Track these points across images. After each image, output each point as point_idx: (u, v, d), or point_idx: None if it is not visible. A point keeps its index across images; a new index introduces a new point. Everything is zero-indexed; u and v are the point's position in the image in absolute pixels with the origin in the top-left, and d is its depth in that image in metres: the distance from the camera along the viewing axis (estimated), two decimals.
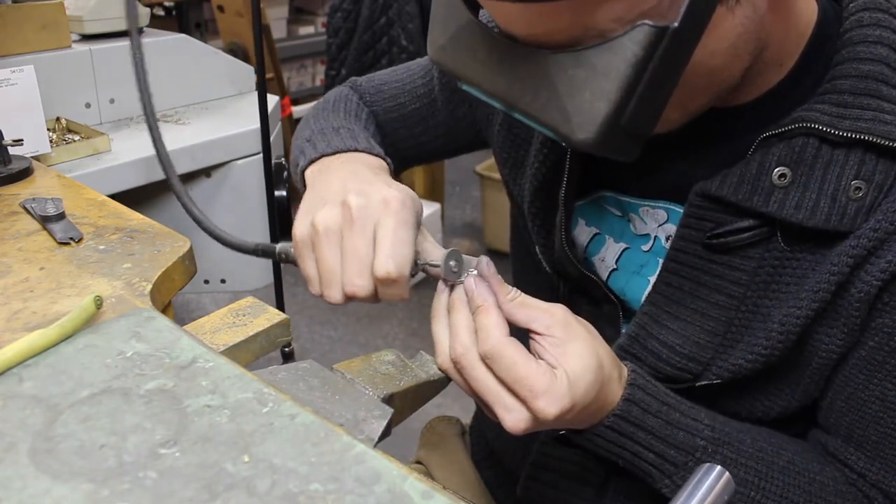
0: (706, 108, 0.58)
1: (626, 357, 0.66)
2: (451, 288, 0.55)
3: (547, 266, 0.74)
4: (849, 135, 0.54)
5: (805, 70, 0.60)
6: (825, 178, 0.56)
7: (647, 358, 0.65)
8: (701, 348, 0.62)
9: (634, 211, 0.69)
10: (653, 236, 0.68)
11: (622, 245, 0.70)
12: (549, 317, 0.54)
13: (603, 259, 0.71)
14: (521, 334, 0.55)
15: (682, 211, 0.62)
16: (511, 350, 0.51)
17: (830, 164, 0.56)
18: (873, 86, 0.56)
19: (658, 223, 0.68)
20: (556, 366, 0.53)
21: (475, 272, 0.55)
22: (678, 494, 0.49)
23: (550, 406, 0.51)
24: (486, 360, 0.52)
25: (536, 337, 0.54)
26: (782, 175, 0.56)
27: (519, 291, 0.55)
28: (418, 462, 0.95)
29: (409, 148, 0.88)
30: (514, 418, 0.52)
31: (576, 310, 0.74)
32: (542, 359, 0.53)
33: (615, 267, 0.70)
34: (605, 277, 0.71)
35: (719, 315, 0.62)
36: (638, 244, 0.69)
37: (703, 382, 0.63)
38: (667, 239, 0.66)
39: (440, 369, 0.54)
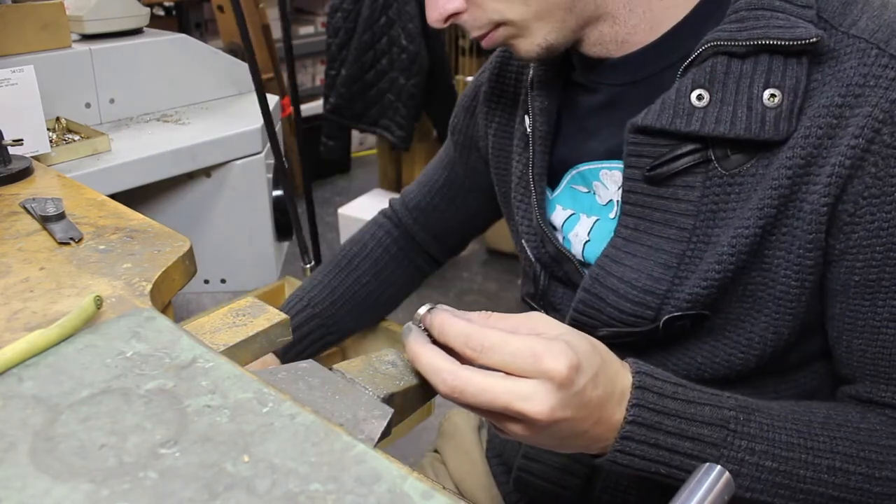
0: (571, 26, 0.65)
1: (588, 298, 0.68)
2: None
3: (531, 254, 0.78)
4: (748, 43, 0.59)
5: (710, 8, 0.65)
6: (738, 91, 0.60)
7: (607, 296, 0.67)
8: (655, 281, 0.64)
9: (595, 177, 0.73)
10: (615, 201, 0.71)
11: (593, 218, 0.74)
12: (529, 318, 0.53)
13: (577, 234, 0.74)
14: None
15: None
16: (494, 333, 0.50)
17: (741, 77, 0.60)
18: (766, 2, 0.61)
19: (617, 186, 0.71)
20: (544, 334, 0.51)
21: (423, 310, 0.54)
22: (678, 494, 0.49)
23: (560, 361, 0.48)
24: (476, 356, 0.50)
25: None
26: (700, 96, 0.61)
27: (489, 312, 0.54)
28: (435, 451, 0.99)
29: (455, 218, 0.98)
30: (536, 402, 0.48)
31: (553, 295, 0.77)
32: None
33: (588, 238, 0.74)
34: (580, 251, 0.74)
35: (672, 248, 0.64)
36: (605, 213, 0.73)
37: (666, 317, 0.64)
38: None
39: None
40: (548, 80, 0.74)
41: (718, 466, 0.51)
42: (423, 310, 0.55)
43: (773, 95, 0.58)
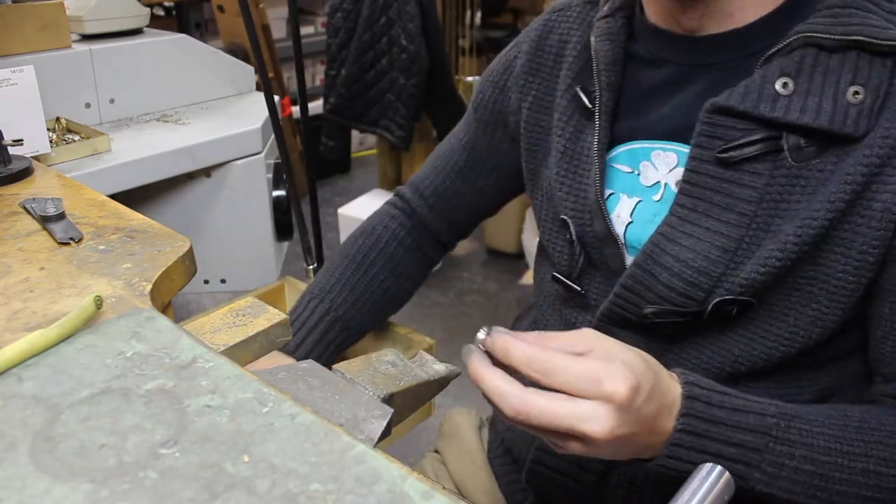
0: None
1: (640, 274, 0.68)
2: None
3: (575, 233, 0.75)
4: (842, 38, 0.60)
5: (795, 5, 0.65)
6: (825, 83, 0.61)
7: (660, 273, 0.67)
8: (712, 262, 0.64)
9: (646, 157, 0.72)
10: (663, 184, 0.71)
11: (635, 199, 0.73)
12: (582, 336, 0.56)
13: (619, 215, 0.74)
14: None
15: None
16: (558, 357, 0.53)
17: (828, 70, 0.61)
18: (859, 2, 0.62)
19: (669, 168, 0.71)
20: (604, 358, 0.53)
21: (482, 335, 0.57)
22: (678, 494, 0.49)
23: (620, 385, 0.51)
24: (541, 378, 0.52)
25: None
26: (785, 84, 0.62)
27: (540, 332, 0.57)
28: (436, 451, 0.98)
29: (473, 201, 0.95)
30: (596, 424, 0.51)
31: (588, 284, 0.77)
32: None
33: (630, 220, 0.73)
34: (622, 232, 0.73)
35: (730, 232, 0.64)
36: (649, 195, 0.72)
37: (716, 300, 0.64)
38: (676, 184, 0.69)
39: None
40: (615, 53, 0.73)
41: (719, 467, 0.51)
42: (481, 334, 0.57)
43: (856, 93, 0.60)
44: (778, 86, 0.62)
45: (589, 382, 0.51)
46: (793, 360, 0.67)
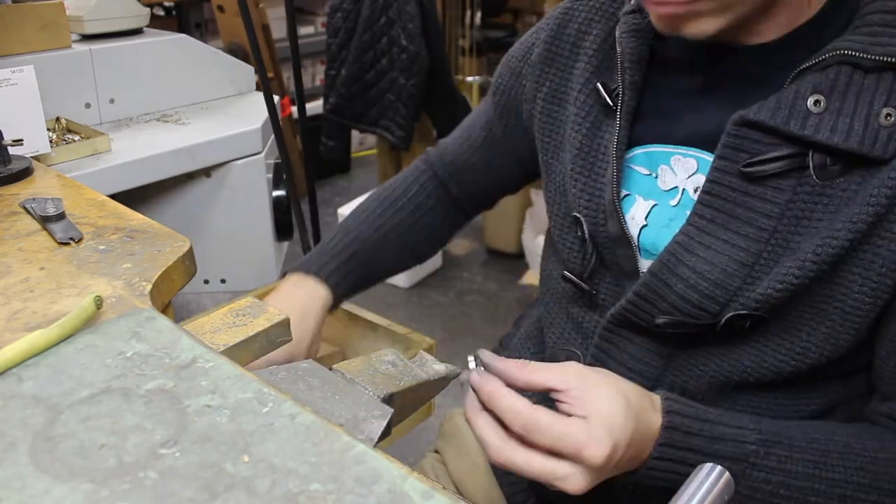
0: (749, 13, 0.62)
1: (654, 283, 0.67)
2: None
3: (588, 231, 0.75)
4: (881, 59, 0.59)
5: (834, 13, 0.64)
6: (858, 104, 0.59)
7: (675, 283, 0.66)
8: (729, 276, 0.64)
9: (665, 161, 0.71)
10: (680, 189, 0.70)
11: (651, 202, 0.72)
12: (564, 373, 0.58)
13: (633, 217, 0.73)
14: (547, 400, 0.58)
15: (711, 160, 0.65)
16: (542, 415, 0.55)
17: (862, 90, 0.60)
18: None
19: (687, 174, 0.69)
20: (586, 416, 0.55)
21: (472, 365, 0.60)
22: (678, 494, 0.49)
23: (597, 452, 0.54)
24: (524, 434, 0.55)
25: (559, 395, 0.57)
26: (817, 101, 0.60)
27: (526, 360, 0.59)
28: (436, 451, 0.98)
29: (489, 178, 0.97)
30: (572, 482, 0.55)
31: (598, 284, 0.76)
32: (571, 415, 0.56)
33: (645, 223, 0.72)
34: (636, 234, 0.72)
35: (749, 246, 0.63)
36: (666, 199, 0.71)
37: (730, 314, 0.64)
38: (695, 191, 0.68)
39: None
40: (641, 52, 0.72)
41: (718, 467, 0.51)
42: (471, 363, 0.61)
43: (889, 115, 0.59)
44: (810, 103, 0.60)
45: (568, 447, 0.54)
46: (802, 374, 0.66)
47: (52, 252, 0.67)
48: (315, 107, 3.16)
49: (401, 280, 2.78)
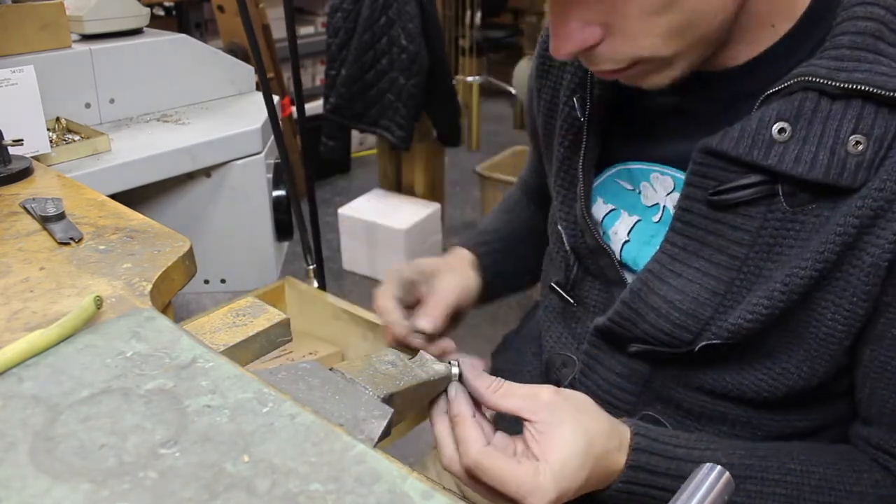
0: (702, 53, 0.59)
1: (626, 312, 0.67)
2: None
3: (567, 242, 0.75)
4: (846, 86, 0.56)
5: (802, 35, 0.61)
6: (824, 132, 0.57)
7: (647, 313, 0.66)
8: (700, 305, 0.63)
9: (645, 178, 0.70)
10: (661, 206, 0.70)
11: (635, 217, 0.72)
12: (534, 402, 0.58)
13: (616, 232, 0.73)
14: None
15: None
16: (490, 459, 0.56)
17: (829, 117, 0.57)
18: (870, 41, 0.57)
19: (666, 191, 0.69)
20: (540, 458, 0.56)
21: (456, 370, 0.61)
22: (678, 494, 0.49)
23: (540, 501, 0.54)
24: (469, 471, 0.57)
25: (525, 423, 0.58)
26: (782, 130, 0.58)
27: (502, 381, 0.60)
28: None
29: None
30: None
31: (583, 288, 0.75)
32: (528, 447, 0.57)
33: (627, 238, 0.72)
34: (618, 249, 0.72)
35: (720, 275, 0.62)
36: (649, 215, 0.71)
37: (703, 343, 0.63)
38: (674, 208, 0.67)
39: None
40: None
41: (718, 467, 0.51)
42: (455, 368, 0.62)
43: (858, 143, 0.56)
44: (774, 131, 0.58)
45: (512, 492, 0.55)
46: (783, 396, 0.65)
47: (52, 252, 0.67)
48: (315, 107, 3.16)
49: None
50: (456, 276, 0.80)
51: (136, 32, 1.42)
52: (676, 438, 0.62)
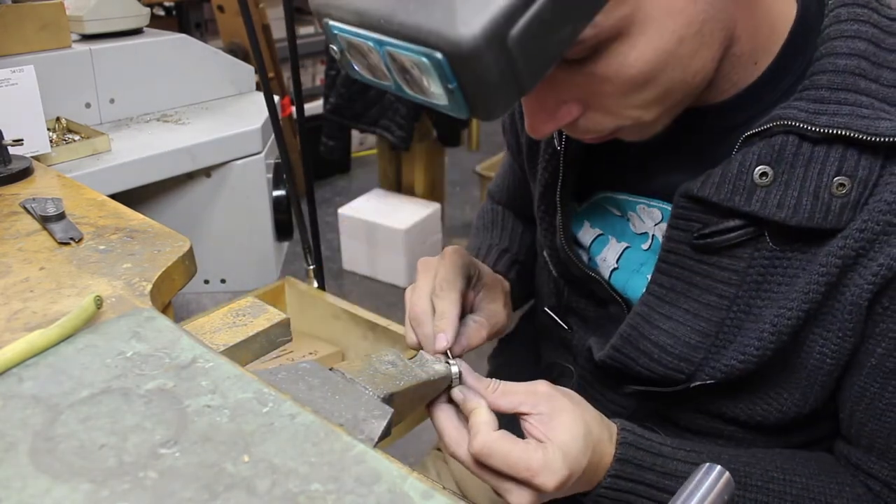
0: (685, 105, 0.58)
1: (619, 357, 0.67)
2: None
3: (553, 269, 0.75)
4: (826, 131, 0.54)
5: (783, 69, 0.59)
6: (806, 176, 0.55)
7: (639, 358, 0.65)
8: (692, 349, 0.63)
9: (632, 209, 0.69)
10: (651, 235, 0.69)
11: (624, 244, 0.71)
12: (533, 396, 0.58)
13: (605, 259, 0.72)
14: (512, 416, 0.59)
15: None
16: (499, 443, 0.55)
17: (811, 161, 0.55)
18: (850, 80, 0.55)
19: (654, 222, 0.68)
20: (545, 440, 0.56)
21: (456, 369, 0.61)
22: (678, 494, 0.49)
23: (550, 479, 0.54)
24: (476, 456, 0.56)
25: (524, 417, 0.58)
26: (763, 174, 0.56)
27: (499, 381, 0.60)
28: (438, 449, 0.99)
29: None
30: (517, 499, 0.56)
31: (580, 312, 0.74)
32: (532, 436, 0.57)
33: (616, 266, 0.71)
34: (607, 276, 0.71)
35: (710, 315, 0.62)
36: (638, 243, 0.70)
37: (697, 383, 0.63)
38: (663, 237, 0.67)
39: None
40: None
41: (718, 467, 0.51)
42: (454, 368, 0.62)
43: (842, 184, 0.54)
44: (756, 175, 0.56)
45: (521, 471, 0.55)
46: (776, 421, 0.65)
47: (52, 252, 0.67)
48: (315, 107, 3.16)
49: (401, 280, 2.78)
50: (499, 304, 0.74)
51: (136, 32, 1.42)
52: (662, 437, 0.63)
